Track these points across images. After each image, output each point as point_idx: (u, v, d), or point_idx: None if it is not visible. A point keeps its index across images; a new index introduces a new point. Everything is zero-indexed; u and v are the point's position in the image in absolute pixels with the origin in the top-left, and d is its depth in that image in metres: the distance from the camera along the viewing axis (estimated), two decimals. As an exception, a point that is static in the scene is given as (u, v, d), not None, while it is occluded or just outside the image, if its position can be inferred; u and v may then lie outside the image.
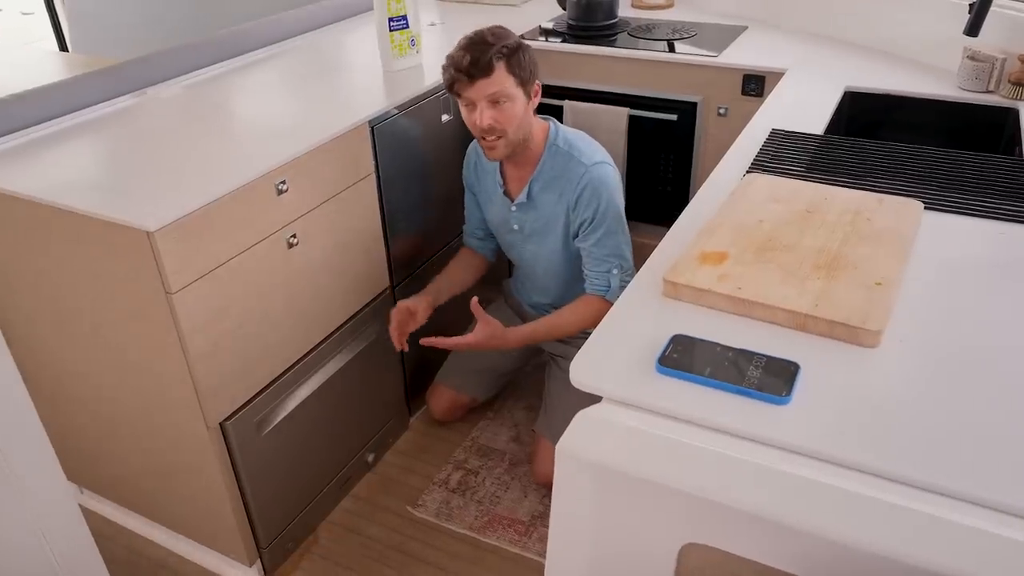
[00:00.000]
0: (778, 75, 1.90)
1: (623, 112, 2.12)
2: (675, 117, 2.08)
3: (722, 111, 2.04)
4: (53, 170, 1.45)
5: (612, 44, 2.17)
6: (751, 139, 1.53)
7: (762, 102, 1.77)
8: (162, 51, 1.87)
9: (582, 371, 0.89)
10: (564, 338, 1.84)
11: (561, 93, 2.19)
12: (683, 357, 0.88)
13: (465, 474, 1.93)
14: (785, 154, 1.45)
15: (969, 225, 1.18)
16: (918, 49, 1.94)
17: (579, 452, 0.81)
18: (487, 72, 1.52)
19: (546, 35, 2.28)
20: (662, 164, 2.18)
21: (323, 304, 1.64)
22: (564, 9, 2.36)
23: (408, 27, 1.90)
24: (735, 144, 1.52)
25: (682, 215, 1.25)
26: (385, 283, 1.83)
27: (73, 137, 1.59)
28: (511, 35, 1.57)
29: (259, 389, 1.53)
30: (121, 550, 1.76)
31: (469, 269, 1.93)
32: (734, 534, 0.75)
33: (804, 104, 1.71)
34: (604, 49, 2.15)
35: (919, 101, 1.76)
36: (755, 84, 1.97)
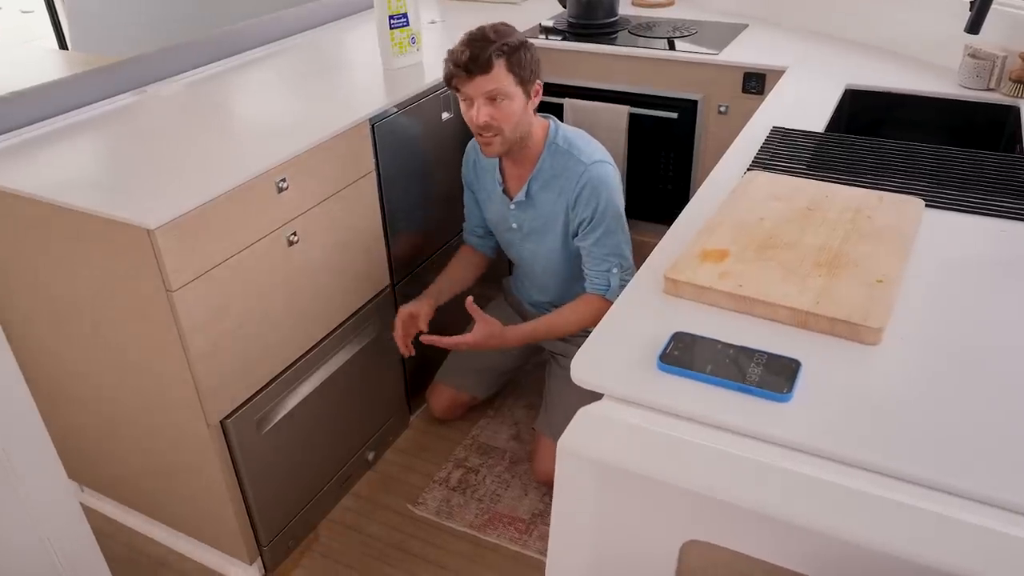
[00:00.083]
0: (779, 73, 1.90)
1: (623, 110, 2.11)
2: (675, 115, 2.08)
3: (723, 109, 2.04)
4: (53, 168, 1.44)
5: (612, 42, 2.17)
6: (752, 137, 1.53)
7: (763, 100, 1.77)
8: (162, 49, 1.87)
9: (583, 368, 0.89)
10: (564, 337, 1.84)
11: (561, 91, 2.19)
12: (684, 354, 0.88)
13: (465, 472, 1.93)
14: (786, 152, 1.45)
15: (970, 223, 1.18)
16: (919, 47, 1.94)
17: (580, 449, 0.81)
18: (485, 69, 1.52)
19: (546, 33, 2.27)
20: (662, 162, 2.18)
21: (323, 302, 1.64)
22: (564, 7, 2.36)
23: (408, 25, 1.90)
24: (735, 142, 1.52)
25: (682, 213, 1.25)
26: (385, 281, 1.83)
27: (73, 135, 1.58)
28: (514, 33, 1.56)
29: (259, 387, 1.53)
30: (121, 548, 1.76)
31: (469, 267, 1.93)
32: (736, 531, 0.75)
33: (805, 102, 1.71)
34: (604, 47, 2.14)
35: (920, 99, 1.76)
36: (756, 82, 1.97)
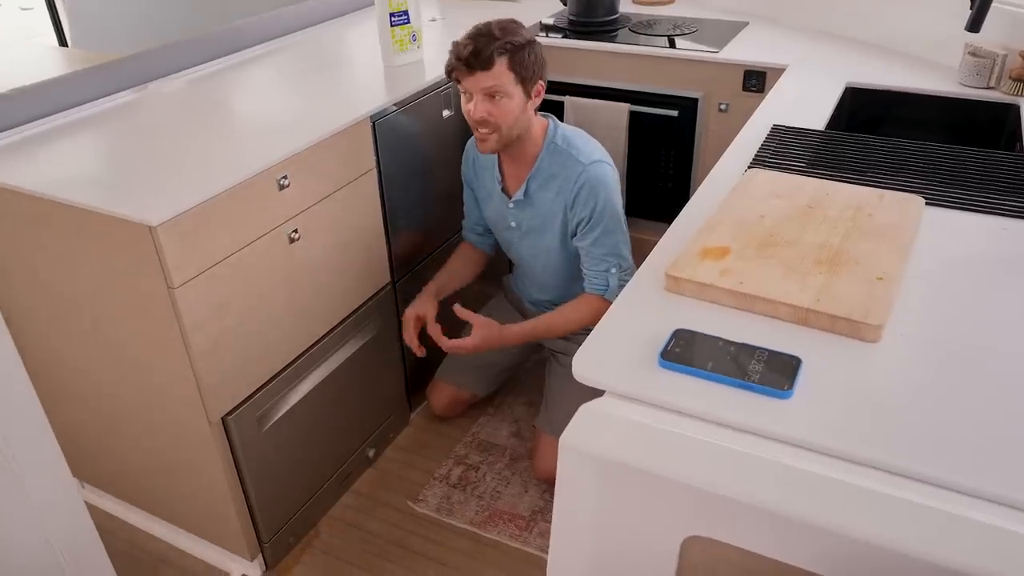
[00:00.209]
0: (779, 71, 1.90)
1: (624, 108, 2.11)
2: (676, 113, 2.08)
3: (723, 107, 2.04)
4: (54, 165, 1.44)
5: (613, 40, 2.17)
6: (752, 135, 1.53)
7: (763, 98, 1.78)
8: (163, 46, 1.87)
9: (584, 365, 0.89)
10: (563, 335, 1.84)
11: (562, 89, 2.19)
12: (685, 351, 0.89)
13: (466, 469, 1.94)
14: (786, 150, 1.45)
15: (970, 221, 1.18)
16: (919, 45, 1.94)
17: (582, 445, 0.82)
18: (487, 66, 1.52)
19: (547, 31, 2.28)
20: (663, 160, 2.19)
21: (324, 299, 1.64)
22: (565, 5, 2.36)
23: (409, 22, 1.90)
24: (736, 140, 1.52)
25: (683, 211, 1.25)
26: (386, 278, 1.83)
27: (74, 132, 1.58)
28: (520, 31, 1.56)
29: (260, 384, 1.53)
30: (122, 544, 1.76)
31: (468, 264, 1.93)
32: (737, 527, 0.76)
33: (805, 100, 1.71)
34: (605, 45, 2.14)
35: (920, 97, 1.76)
36: (756, 80, 1.97)
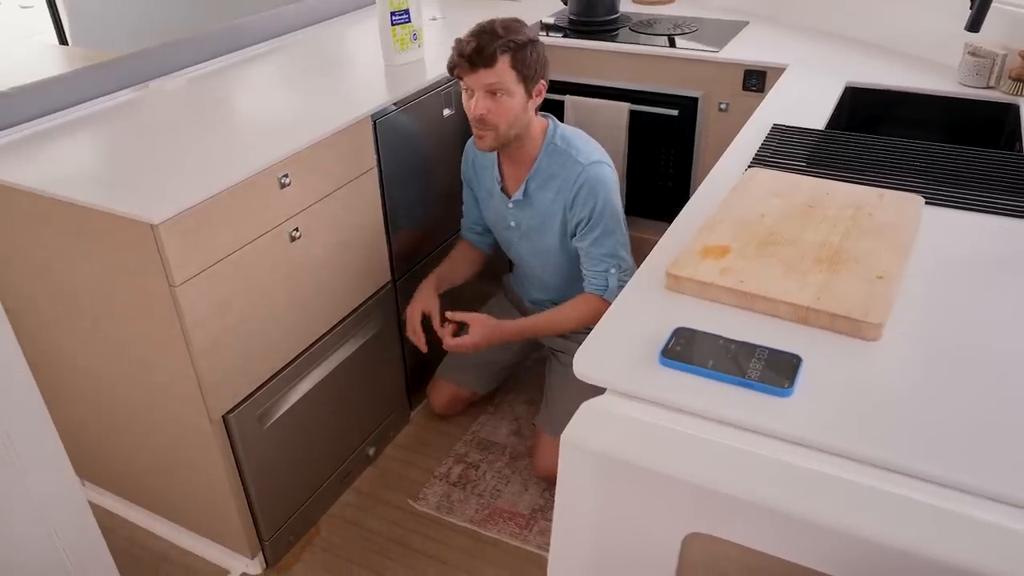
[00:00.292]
0: (779, 71, 1.91)
1: (624, 107, 2.12)
2: (676, 112, 2.08)
3: (723, 106, 2.04)
4: (54, 163, 1.45)
5: (613, 39, 2.17)
6: (752, 134, 1.54)
7: (763, 98, 1.78)
8: (163, 45, 1.87)
9: (585, 363, 0.90)
10: (561, 334, 1.85)
11: (562, 88, 2.19)
12: (686, 349, 0.89)
13: (466, 468, 1.94)
14: (786, 149, 1.45)
15: (970, 220, 1.18)
16: (919, 45, 1.94)
17: (583, 442, 0.82)
18: (489, 63, 1.52)
19: (547, 30, 2.28)
20: (663, 159, 2.19)
21: (325, 298, 1.65)
22: (565, 4, 2.36)
23: (410, 21, 1.90)
24: (736, 139, 1.52)
25: (683, 210, 1.25)
26: (387, 277, 1.84)
27: (74, 131, 1.58)
28: (524, 30, 1.56)
29: (261, 383, 1.54)
30: (123, 542, 1.76)
31: (467, 262, 1.94)
32: (737, 524, 0.76)
33: (805, 100, 1.71)
34: (605, 44, 2.15)
35: (920, 97, 1.77)
36: (756, 80, 1.97)
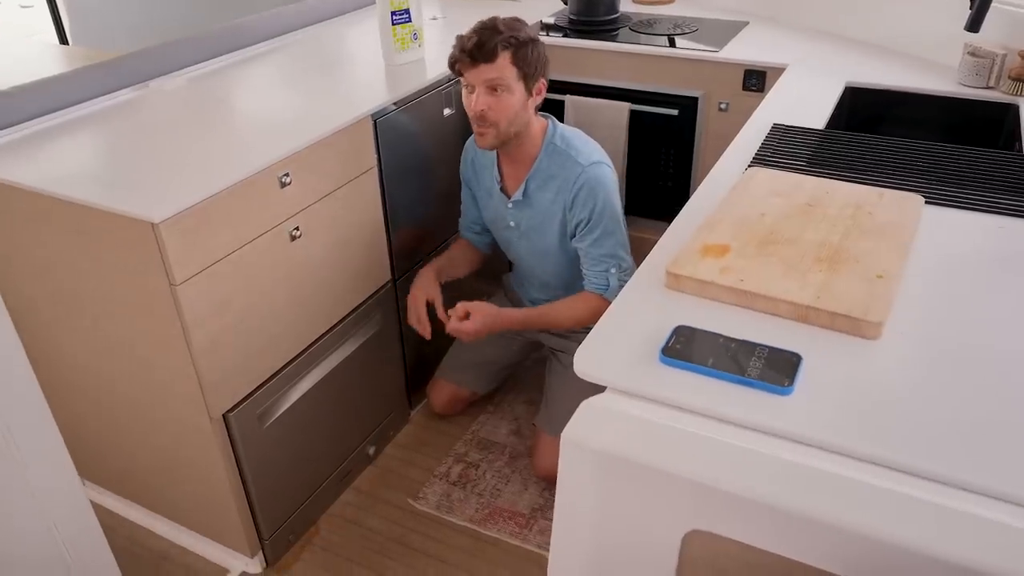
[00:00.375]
0: (779, 71, 1.91)
1: (624, 107, 2.12)
2: (676, 112, 2.08)
3: (723, 106, 2.04)
4: (55, 163, 1.45)
5: (613, 39, 2.18)
6: (752, 134, 1.54)
7: (763, 97, 1.78)
8: (163, 44, 1.87)
9: (586, 361, 0.90)
10: (560, 331, 1.85)
11: (562, 88, 2.19)
12: (686, 348, 0.89)
13: (466, 467, 1.94)
14: (786, 149, 1.45)
15: (969, 219, 1.18)
16: (919, 45, 1.94)
17: (584, 440, 0.82)
18: (490, 58, 1.53)
19: (547, 30, 2.28)
20: (663, 159, 2.19)
21: (325, 297, 1.65)
22: (566, 4, 2.36)
23: (410, 21, 1.90)
24: (736, 139, 1.53)
25: (683, 210, 1.25)
26: (387, 276, 1.84)
27: (75, 130, 1.58)
28: (524, 28, 1.58)
29: (261, 382, 1.54)
30: (123, 542, 1.76)
31: (465, 260, 1.93)
32: (737, 521, 0.76)
33: (805, 100, 1.71)
34: (605, 44, 2.15)
35: (920, 97, 1.77)
36: (756, 79, 1.98)
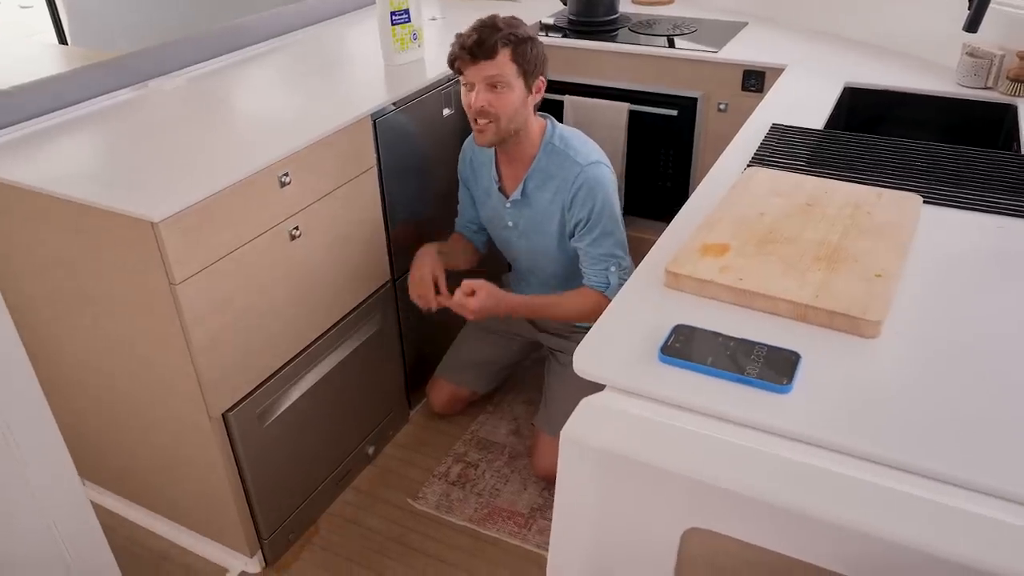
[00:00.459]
0: (778, 71, 1.91)
1: (623, 107, 2.12)
2: (675, 112, 2.09)
3: (722, 107, 2.05)
4: (55, 162, 1.45)
5: (613, 40, 2.18)
6: (751, 134, 1.54)
7: (762, 98, 1.78)
8: (163, 44, 1.87)
9: (585, 360, 0.90)
10: (559, 331, 1.85)
11: (562, 88, 2.20)
12: (685, 346, 0.89)
13: (465, 467, 1.94)
14: (786, 149, 1.46)
15: (968, 219, 1.19)
16: (917, 45, 1.95)
17: (583, 438, 0.82)
18: (490, 55, 1.53)
19: (547, 30, 2.28)
20: (662, 159, 2.19)
21: (324, 296, 1.65)
22: (565, 4, 2.37)
23: (410, 21, 1.91)
24: (735, 139, 1.53)
25: (682, 210, 1.26)
26: (386, 276, 1.84)
27: (74, 130, 1.59)
28: (523, 27, 1.59)
29: (261, 381, 1.54)
30: (123, 542, 1.76)
31: (462, 251, 1.92)
32: (736, 519, 0.76)
33: (804, 100, 1.72)
34: (605, 44, 2.15)
35: (918, 97, 1.77)
36: (755, 80, 1.98)
